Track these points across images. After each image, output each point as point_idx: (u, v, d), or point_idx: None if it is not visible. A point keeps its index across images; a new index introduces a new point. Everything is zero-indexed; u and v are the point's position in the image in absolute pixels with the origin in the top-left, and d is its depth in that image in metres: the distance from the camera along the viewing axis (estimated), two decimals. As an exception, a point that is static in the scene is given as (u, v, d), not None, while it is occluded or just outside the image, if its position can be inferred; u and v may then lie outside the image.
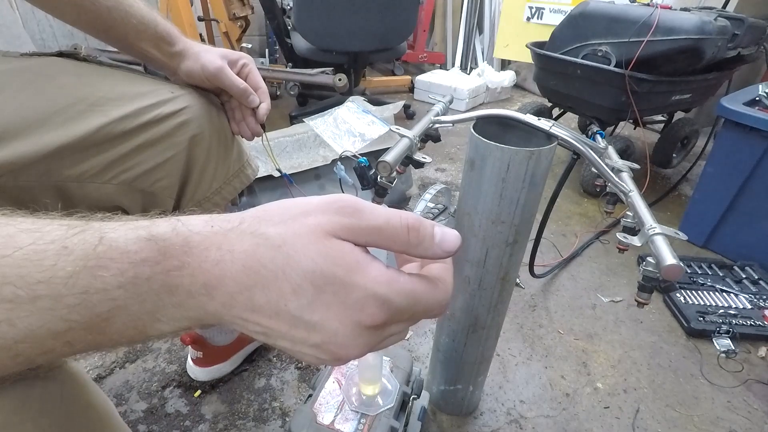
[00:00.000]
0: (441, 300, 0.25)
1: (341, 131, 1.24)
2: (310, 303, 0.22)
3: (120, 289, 0.20)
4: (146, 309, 0.21)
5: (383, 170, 0.45)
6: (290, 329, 0.23)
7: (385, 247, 0.25)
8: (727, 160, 1.21)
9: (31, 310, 0.19)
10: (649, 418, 0.84)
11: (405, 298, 0.23)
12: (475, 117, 0.55)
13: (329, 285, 0.22)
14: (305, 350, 0.24)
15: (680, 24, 1.23)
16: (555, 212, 1.41)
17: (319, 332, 0.23)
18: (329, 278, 0.22)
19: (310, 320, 0.22)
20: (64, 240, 0.20)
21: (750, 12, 1.47)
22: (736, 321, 1.03)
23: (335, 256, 0.22)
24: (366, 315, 0.23)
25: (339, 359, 0.24)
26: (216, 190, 0.59)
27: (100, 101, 0.46)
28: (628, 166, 0.56)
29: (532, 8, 2.28)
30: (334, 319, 0.22)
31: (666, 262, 0.41)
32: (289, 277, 0.22)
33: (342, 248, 0.23)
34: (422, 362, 0.93)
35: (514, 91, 2.85)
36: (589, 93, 1.44)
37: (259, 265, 0.22)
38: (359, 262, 0.23)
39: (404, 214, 0.24)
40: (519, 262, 0.62)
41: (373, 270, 0.23)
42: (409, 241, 0.24)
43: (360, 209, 0.23)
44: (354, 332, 0.23)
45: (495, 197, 0.53)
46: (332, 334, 0.23)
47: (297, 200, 0.24)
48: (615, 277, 1.22)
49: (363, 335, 0.23)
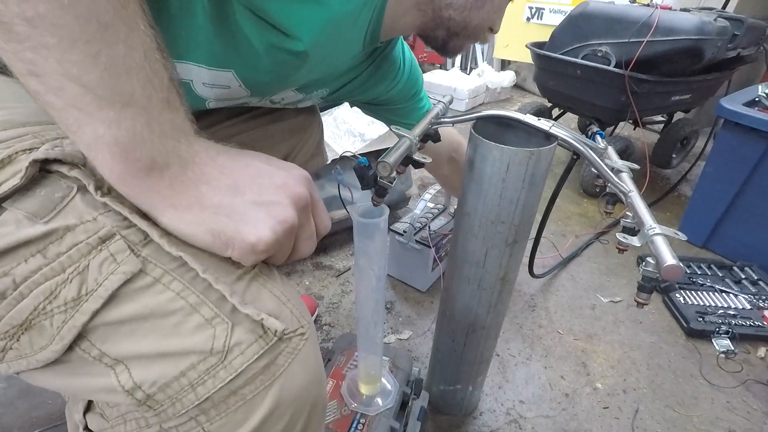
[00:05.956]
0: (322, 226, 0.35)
1: (341, 131, 1.24)
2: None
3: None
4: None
5: (383, 170, 0.45)
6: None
7: None
8: (726, 160, 1.21)
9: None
10: (648, 418, 0.84)
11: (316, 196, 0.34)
12: (475, 117, 0.55)
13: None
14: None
15: (680, 24, 1.23)
16: (555, 212, 1.41)
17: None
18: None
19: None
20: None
21: (750, 12, 1.47)
22: (735, 321, 1.03)
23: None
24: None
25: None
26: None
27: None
28: (627, 167, 0.56)
29: (532, 8, 2.28)
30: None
31: (666, 263, 0.41)
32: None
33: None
34: (422, 362, 0.93)
35: (514, 91, 2.85)
36: (588, 93, 1.45)
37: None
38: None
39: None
40: (519, 262, 0.62)
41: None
42: None
43: None
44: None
45: (495, 197, 0.53)
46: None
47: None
48: (614, 277, 1.22)
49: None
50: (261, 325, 0.29)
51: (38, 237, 0.26)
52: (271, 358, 0.29)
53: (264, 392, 0.29)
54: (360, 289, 0.53)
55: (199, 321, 0.28)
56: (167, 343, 0.28)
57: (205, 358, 0.28)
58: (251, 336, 0.29)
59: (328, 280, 1.15)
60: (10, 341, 0.27)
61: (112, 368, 0.27)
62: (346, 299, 1.09)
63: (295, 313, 0.32)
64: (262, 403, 0.29)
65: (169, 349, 0.28)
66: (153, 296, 0.28)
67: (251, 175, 0.30)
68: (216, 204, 0.28)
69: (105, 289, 0.27)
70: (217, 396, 0.28)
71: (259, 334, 0.29)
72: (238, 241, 0.28)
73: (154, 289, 0.28)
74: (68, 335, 0.26)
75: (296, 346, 0.31)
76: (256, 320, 0.29)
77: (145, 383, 0.27)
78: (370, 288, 0.52)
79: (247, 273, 0.31)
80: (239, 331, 0.29)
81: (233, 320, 0.29)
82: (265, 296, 0.31)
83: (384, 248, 0.48)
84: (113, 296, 0.27)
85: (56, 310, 0.26)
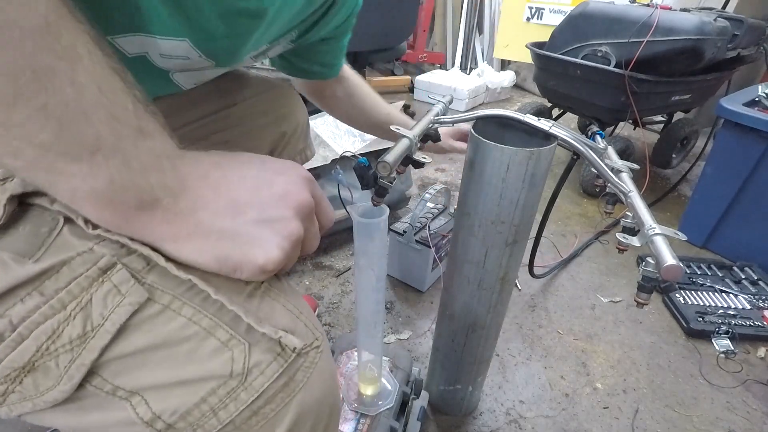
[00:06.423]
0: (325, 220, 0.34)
1: (341, 131, 1.24)
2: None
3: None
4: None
5: (383, 170, 0.45)
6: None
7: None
8: (726, 160, 1.21)
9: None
10: (648, 418, 0.84)
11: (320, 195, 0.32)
12: (475, 117, 0.55)
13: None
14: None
15: (680, 24, 1.23)
16: (555, 212, 1.41)
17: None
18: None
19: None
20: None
21: (749, 12, 1.48)
22: (735, 321, 1.03)
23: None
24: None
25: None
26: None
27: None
28: (627, 167, 0.56)
29: (532, 8, 2.28)
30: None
31: (666, 263, 0.41)
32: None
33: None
34: (422, 362, 0.93)
35: (514, 91, 2.85)
36: (588, 93, 1.45)
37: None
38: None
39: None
40: (518, 262, 0.62)
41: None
42: None
43: None
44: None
45: (495, 197, 0.53)
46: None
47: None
48: (614, 277, 1.22)
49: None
50: (278, 343, 0.28)
51: (31, 278, 0.24)
52: (290, 375, 0.29)
53: (285, 409, 0.29)
54: (360, 289, 0.53)
55: (215, 345, 0.27)
56: (184, 371, 0.27)
57: (225, 381, 0.27)
58: (270, 355, 0.28)
59: (328, 280, 1.15)
60: (12, 384, 0.25)
61: (127, 401, 0.26)
62: (346, 299, 1.09)
63: (309, 325, 0.31)
64: (283, 419, 0.29)
65: (187, 377, 0.27)
66: (164, 324, 0.26)
67: (249, 188, 0.28)
68: (218, 229, 0.27)
69: (112, 324, 0.25)
70: (239, 418, 0.28)
71: (277, 352, 0.28)
72: (246, 264, 0.27)
73: (164, 317, 0.27)
74: (77, 374, 0.25)
75: (313, 360, 0.30)
76: (273, 338, 0.28)
77: (164, 413, 0.26)
78: (370, 288, 0.52)
79: (258, 288, 0.30)
80: (257, 351, 0.28)
81: (250, 340, 0.28)
82: (278, 311, 0.30)
83: (384, 248, 0.48)
84: (122, 329, 0.25)
85: (61, 349, 0.25)
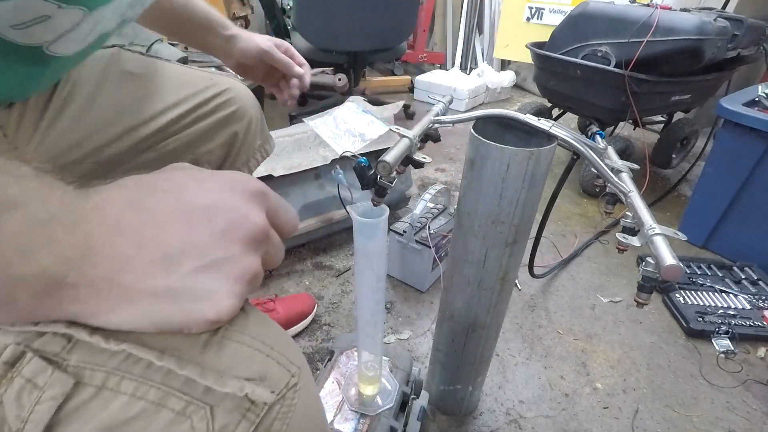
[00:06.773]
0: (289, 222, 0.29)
1: (341, 131, 1.24)
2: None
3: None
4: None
5: (383, 170, 0.45)
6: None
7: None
8: (726, 160, 1.21)
9: None
10: (648, 418, 0.84)
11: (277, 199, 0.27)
12: (475, 117, 0.55)
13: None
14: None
15: (680, 24, 1.23)
16: (555, 212, 1.41)
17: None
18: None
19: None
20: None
21: (750, 12, 1.47)
22: (735, 321, 1.03)
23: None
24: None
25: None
26: (243, 161, 0.67)
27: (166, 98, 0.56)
28: (627, 167, 0.56)
29: (532, 8, 2.28)
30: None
31: (665, 263, 0.41)
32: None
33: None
34: (422, 362, 0.93)
35: (514, 91, 2.85)
36: (588, 93, 1.45)
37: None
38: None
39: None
40: (518, 262, 0.62)
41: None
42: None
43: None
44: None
45: (495, 197, 0.53)
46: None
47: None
48: (614, 277, 1.22)
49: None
50: (246, 398, 0.24)
51: None
52: (265, 427, 0.25)
53: None
54: (360, 289, 0.53)
55: (169, 417, 0.23)
56: None
57: None
58: (237, 414, 0.24)
59: (328, 280, 1.15)
60: None
61: None
62: (346, 299, 1.09)
63: (282, 361, 0.26)
64: None
65: None
66: (102, 408, 0.22)
67: (180, 230, 0.22)
68: (150, 292, 0.22)
69: (35, 425, 0.21)
70: None
71: (246, 407, 0.24)
72: (193, 322, 0.23)
73: (101, 399, 0.22)
74: None
75: (291, 403, 0.26)
76: (239, 396, 0.24)
77: None
78: (370, 288, 0.52)
79: (215, 335, 0.24)
80: (221, 412, 0.23)
81: (211, 402, 0.23)
82: (243, 356, 0.25)
83: (384, 248, 0.48)
84: (50, 427, 0.21)
85: None
